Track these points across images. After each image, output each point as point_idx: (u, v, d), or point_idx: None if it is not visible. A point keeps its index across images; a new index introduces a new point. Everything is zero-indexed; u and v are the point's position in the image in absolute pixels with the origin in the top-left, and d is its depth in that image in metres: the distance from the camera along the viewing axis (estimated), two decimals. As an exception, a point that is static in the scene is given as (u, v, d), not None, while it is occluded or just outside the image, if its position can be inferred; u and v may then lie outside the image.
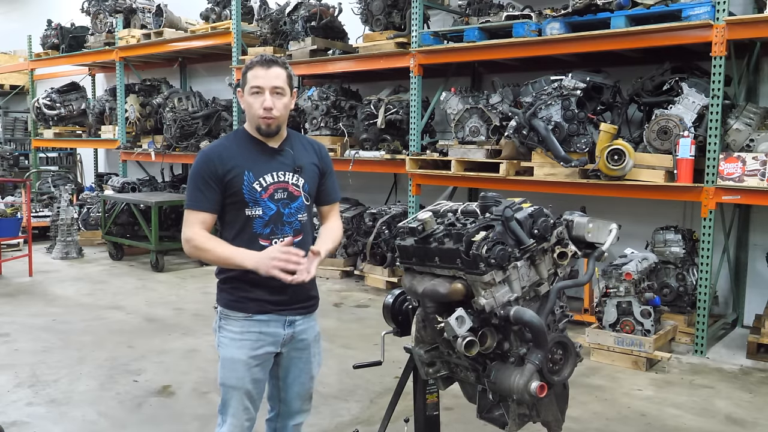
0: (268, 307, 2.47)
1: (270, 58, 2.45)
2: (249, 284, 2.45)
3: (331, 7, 7.86)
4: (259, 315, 2.46)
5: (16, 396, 4.19)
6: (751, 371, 4.80)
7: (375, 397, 4.20)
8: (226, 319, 2.50)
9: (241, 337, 2.46)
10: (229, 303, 2.49)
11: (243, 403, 2.48)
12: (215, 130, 9.16)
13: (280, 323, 2.49)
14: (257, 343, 2.47)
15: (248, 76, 2.45)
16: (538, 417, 2.39)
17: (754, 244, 5.94)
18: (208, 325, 5.69)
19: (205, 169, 2.43)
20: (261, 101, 2.42)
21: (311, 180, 2.57)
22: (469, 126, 6.35)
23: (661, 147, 5.27)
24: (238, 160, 2.44)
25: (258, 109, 2.42)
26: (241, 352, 2.45)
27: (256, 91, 2.42)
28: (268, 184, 2.46)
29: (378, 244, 7.01)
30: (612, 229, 2.47)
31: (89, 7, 10.85)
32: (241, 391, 2.47)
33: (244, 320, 2.46)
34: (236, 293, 2.47)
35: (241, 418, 2.49)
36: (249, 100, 2.44)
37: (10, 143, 13.97)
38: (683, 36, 5.13)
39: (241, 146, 2.49)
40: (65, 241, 8.73)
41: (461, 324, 2.20)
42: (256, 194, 2.43)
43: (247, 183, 2.43)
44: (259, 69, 2.42)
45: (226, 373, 2.48)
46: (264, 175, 2.46)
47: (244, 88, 2.47)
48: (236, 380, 2.46)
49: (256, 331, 2.46)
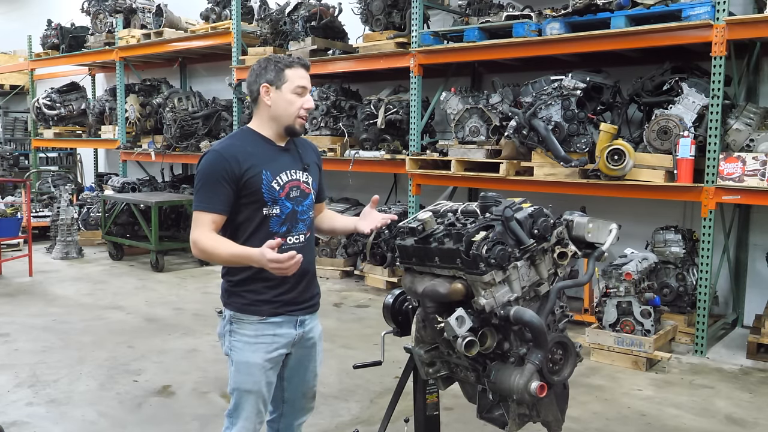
0: (281, 309, 2.47)
1: (309, 63, 2.50)
2: (264, 284, 2.44)
3: (331, 7, 7.86)
4: (272, 318, 2.46)
5: (16, 396, 4.19)
6: (751, 371, 4.80)
7: (375, 397, 4.20)
8: (238, 323, 2.47)
9: (255, 341, 2.45)
10: (242, 307, 2.46)
11: (257, 406, 2.48)
12: (215, 130, 9.16)
13: (291, 324, 2.50)
14: (272, 346, 2.46)
15: (289, 74, 2.43)
16: (538, 417, 2.39)
17: (754, 244, 5.93)
18: (208, 325, 5.73)
19: (220, 169, 2.36)
20: (303, 102, 2.44)
21: (316, 177, 2.61)
22: (469, 126, 6.35)
23: (661, 147, 5.27)
24: (255, 159, 2.41)
25: (299, 108, 2.44)
26: (256, 356, 2.44)
27: (300, 91, 2.44)
28: (284, 182, 2.46)
29: (378, 244, 7.01)
30: (612, 229, 2.47)
31: (89, 7, 10.85)
32: (256, 394, 2.46)
33: (258, 323, 2.45)
34: (249, 296, 2.46)
35: (253, 421, 2.49)
36: (290, 98, 2.43)
37: (10, 143, 13.97)
38: (683, 36, 5.13)
39: (253, 145, 2.46)
40: (65, 241, 8.73)
41: (461, 324, 2.20)
42: (275, 193, 2.43)
43: (266, 182, 2.41)
44: (302, 70, 2.46)
45: (241, 377, 2.46)
46: (280, 174, 2.45)
47: (278, 85, 2.43)
48: (252, 384, 2.45)
49: (270, 334, 2.46)
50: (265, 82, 2.44)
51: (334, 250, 7.75)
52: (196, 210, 2.41)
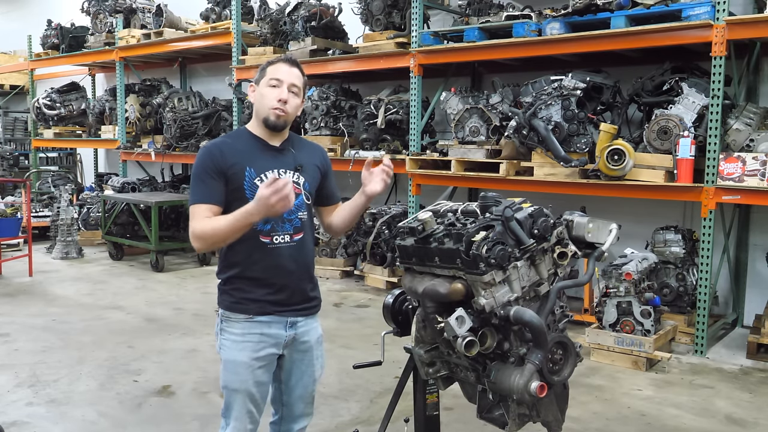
0: (269, 308, 2.45)
1: (295, 60, 2.51)
2: (249, 283, 2.44)
3: (331, 7, 7.86)
4: (260, 316, 2.45)
5: (16, 396, 4.19)
6: (751, 371, 4.80)
7: (375, 397, 4.20)
8: (227, 321, 2.48)
9: (242, 339, 2.44)
10: (230, 305, 2.47)
11: (246, 406, 2.46)
12: (215, 130, 9.16)
13: (281, 324, 2.48)
14: (259, 345, 2.45)
15: (268, 70, 2.47)
16: (538, 417, 2.39)
17: (754, 244, 5.94)
18: (208, 325, 5.73)
19: (208, 163, 2.41)
20: (277, 93, 2.43)
21: (312, 179, 2.57)
22: (469, 126, 6.35)
23: (661, 147, 5.27)
24: (240, 156, 2.43)
25: (272, 100, 2.43)
26: (243, 354, 2.43)
27: (275, 84, 2.44)
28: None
29: (378, 244, 7.01)
30: (612, 229, 2.47)
31: (89, 7, 10.85)
32: (243, 394, 2.45)
33: (245, 322, 2.45)
34: (237, 294, 2.46)
35: (244, 421, 2.48)
36: (263, 91, 2.45)
37: (10, 143, 13.97)
38: (683, 36, 5.13)
39: (242, 143, 2.48)
40: (65, 241, 8.73)
41: (461, 324, 2.19)
42: (256, 190, 2.38)
43: (248, 179, 2.42)
44: (283, 65, 2.46)
45: (228, 375, 2.46)
46: (265, 172, 2.44)
47: (259, 82, 2.48)
48: (239, 383, 2.44)
49: (257, 333, 2.45)
50: (253, 82, 2.52)
51: (334, 250, 7.75)
52: (191, 205, 2.42)
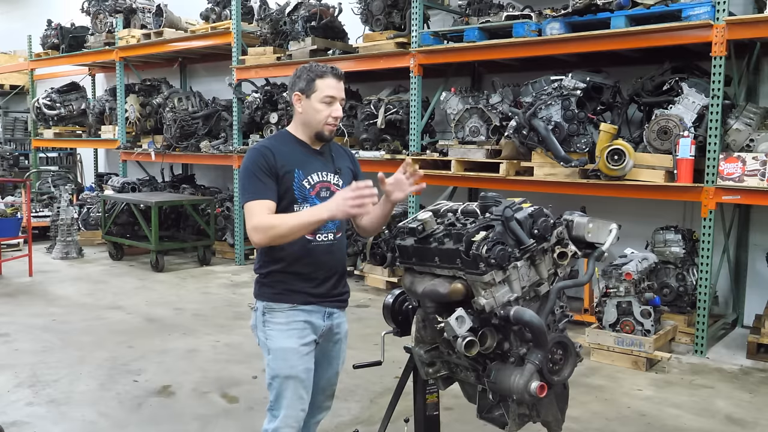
0: (311, 299, 2.58)
1: (342, 74, 2.60)
2: (293, 277, 2.55)
3: (331, 7, 7.86)
4: (303, 305, 2.56)
5: (16, 396, 4.19)
6: (751, 371, 4.80)
7: (375, 397, 4.20)
8: (270, 312, 2.57)
9: (288, 327, 2.55)
10: (273, 296, 2.57)
11: (298, 392, 2.54)
12: (215, 130, 9.16)
13: (320, 314, 2.61)
14: (304, 332, 2.56)
15: (319, 84, 2.54)
16: (538, 417, 2.39)
17: (754, 244, 5.94)
18: (208, 325, 5.73)
19: (262, 162, 2.49)
20: (331, 110, 2.54)
21: (348, 181, 2.68)
22: (469, 126, 6.35)
23: (661, 147, 5.27)
24: (289, 158, 2.55)
25: (328, 116, 2.55)
26: (291, 341, 2.53)
27: (329, 101, 2.54)
28: (315, 182, 2.59)
29: (378, 244, 6.97)
30: (612, 229, 2.47)
31: (89, 7, 10.85)
32: (296, 379, 2.53)
33: (290, 310, 2.56)
34: (279, 286, 2.57)
35: (296, 408, 2.55)
36: (317, 107, 2.54)
37: (10, 143, 13.97)
38: (683, 36, 5.13)
39: (288, 146, 2.59)
40: (65, 241, 8.73)
41: (461, 324, 2.20)
42: (305, 191, 2.56)
43: (297, 180, 2.54)
44: (333, 80, 2.55)
45: (278, 363, 2.54)
46: (311, 174, 2.58)
47: (308, 94, 2.54)
48: (290, 369, 2.52)
49: (301, 320, 2.56)
50: (298, 90, 2.58)
51: (334, 250, 7.73)
52: (247, 202, 2.47)
